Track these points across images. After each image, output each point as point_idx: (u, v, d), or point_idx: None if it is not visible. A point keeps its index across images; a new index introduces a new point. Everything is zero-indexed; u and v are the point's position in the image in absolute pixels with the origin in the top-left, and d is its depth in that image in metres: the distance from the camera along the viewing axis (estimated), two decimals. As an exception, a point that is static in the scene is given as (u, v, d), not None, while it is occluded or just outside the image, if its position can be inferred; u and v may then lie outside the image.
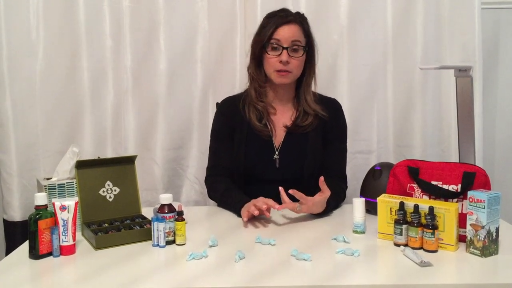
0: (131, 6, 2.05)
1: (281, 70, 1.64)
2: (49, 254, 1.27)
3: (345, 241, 1.34)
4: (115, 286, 1.10)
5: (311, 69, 1.73)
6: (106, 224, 1.42)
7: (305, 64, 1.70)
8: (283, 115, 1.75)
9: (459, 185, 1.34)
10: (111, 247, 1.32)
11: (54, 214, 1.28)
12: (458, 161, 1.59)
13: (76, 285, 1.14)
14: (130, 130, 2.11)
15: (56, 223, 1.28)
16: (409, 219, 1.30)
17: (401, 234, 1.30)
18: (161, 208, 1.36)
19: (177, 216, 1.34)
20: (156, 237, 1.33)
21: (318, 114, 1.72)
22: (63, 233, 1.27)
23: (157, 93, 2.10)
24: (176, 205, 1.36)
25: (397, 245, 1.30)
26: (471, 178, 1.33)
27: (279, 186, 1.50)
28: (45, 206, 1.28)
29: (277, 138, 1.74)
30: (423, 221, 1.28)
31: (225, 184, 1.71)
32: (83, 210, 1.41)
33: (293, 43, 1.64)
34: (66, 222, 1.28)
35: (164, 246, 1.32)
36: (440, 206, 1.27)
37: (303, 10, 2.08)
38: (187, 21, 2.09)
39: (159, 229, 1.32)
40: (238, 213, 1.57)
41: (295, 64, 1.65)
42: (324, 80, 2.11)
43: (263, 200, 1.48)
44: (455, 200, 1.33)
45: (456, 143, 1.64)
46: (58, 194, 1.50)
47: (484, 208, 1.20)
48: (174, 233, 1.34)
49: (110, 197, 1.46)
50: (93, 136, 2.11)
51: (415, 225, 1.27)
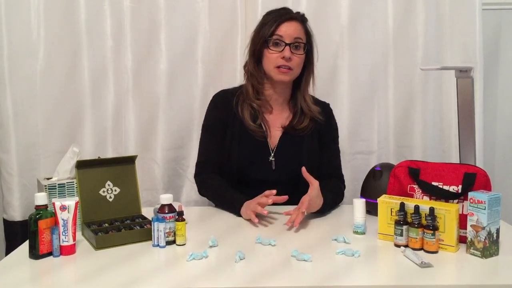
0: (132, 6, 2.05)
1: (282, 67, 1.63)
2: (49, 254, 1.27)
3: (345, 242, 1.34)
4: (115, 286, 1.10)
5: (310, 69, 1.73)
6: (106, 224, 1.42)
7: (304, 63, 1.70)
8: (279, 116, 1.75)
9: (460, 186, 1.34)
10: (111, 247, 1.32)
11: (54, 214, 1.28)
12: (458, 162, 1.59)
13: (76, 285, 1.14)
14: (130, 130, 2.11)
15: (56, 223, 1.28)
16: (409, 220, 1.30)
17: (401, 235, 1.29)
18: (162, 208, 1.36)
19: (177, 216, 1.34)
20: (156, 237, 1.33)
21: (315, 117, 1.72)
22: (63, 233, 1.27)
23: (158, 93, 2.10)
24: (176, 205, 1.36)
25: (398, 246, 1.30)
26: (472, 179, 1.33)
27: (274, 189, 1.51)
28: (45, 206, 1.28)
29: (272, 139, 1.73)
30: (424, 222, 1.28)
31: (218, 182, 1.70)
32: (83, 210, 1.41)
33: (295, 40, 1.64)
34: (66, 222, 1.28)
35: (164, 246, 1.32)
36: (441, 207, 1.27)
37: (303, 10, 2.08)
38: (188, 21, 2.09)
39: (159, 229, 1.32)
40: (237, 213, 1.57)
41: (296, 62, 1.65)
42: (324, 80, 2.11)
43: (265, 199, 1.49)
44: (456, 201, 1.33)
45: (456, 144, 1.64)
46: (59, 194, 1.50)
47: (484, 209, 1.20)
48: (175, 233, 1.34)
49: (110, 197, 1.46)
50: (94, 136, 2.11)
51: (416, 226, 1.27)
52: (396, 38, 2.13)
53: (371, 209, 1.50)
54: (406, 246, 1.29)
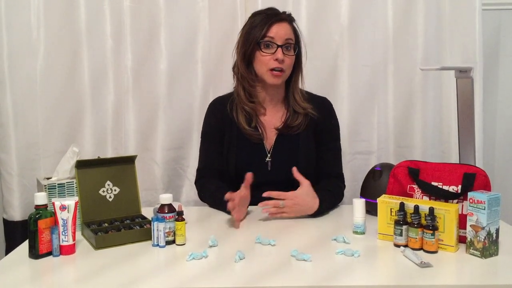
0: (132, 6, 2.05)
1: (275, 69, 1.63)
2: (49, 253, 1.27)
3: (345, 242, 1.34)
4: (115, 286, 1.10)
5: (299, 68, 1.72)
6: (106, 224, 1.42)
7: (294, 63, 1.70)
8: (274, 116, 1.74)
9: (459, 186, 1.34)
10: (111, 247, 1.32)
11: (54, 214, 1.28)
12: (458, 162, 1.59)
13: (76, 284, 1.14)
14: (130, 130, 2.11)
15: (56, 222, 1.28)
16: (409, 220, 1.30)
17: (401, 235, 1.29)
18: (161, 208, 1.36)
19: (177, 216, 1.34)
20: (156, 237, 1.33)
21: (308, 113, 1.71)
22: (63, 233, 1.27)
23: (158, 93, 2.10)
24: (176, 205, 1.36)
25: (397, 246, 1.30)
26: (471, 179, 1.33)
27: (270, 191, 1.52)
28: (45, 206, 1.28)
29: (268, 141, 1.73)
30: (423, 222, 1.28)
31: (215, 185, 1.70)
32: (83, 210, 1.41)
33: (286, 41, 1.64)
34: (66, 221, 1.28)
35: (164, 246, 1.32)
36: (440, 207, 1.27)
37: (303, 10, 2.10)
38: (188, 21, 2.09)
39: (159, 229, 1.32)
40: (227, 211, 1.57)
41: (288, 63, 1.65)
42: (324, 80, 2.12)
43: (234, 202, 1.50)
44: (455, 201, 1.33)
45: (456, 144, 1.64)
46: (58, 193, 1.50)
47: (484, 209, 1.20)
48: (174, 233, 1.34)
49: (110, 197, 1.46)
50: (93, 136, 2.11)
51: (415, 226, 1.27)
52: (396, 39, 2.13)
53: (371, 209, 1.49)
54: (405, 246, 1.29)
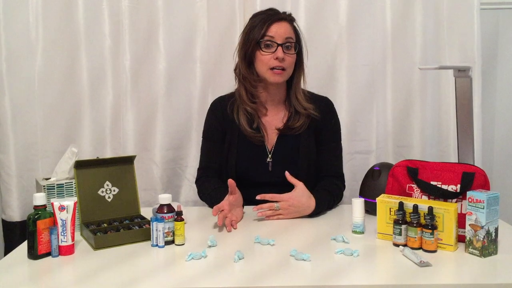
0: (130, 6, 2.05)
1: (276, 68, 1.62)
2: (48, 254, 1.27)
3: (344, 241, 1.34)
4: (114, 286, 1.10)
5: (300, 67, 1.72)
6: (105, 224, 1.42)
7: (295, 63, 1.70)
8: (275, 117, 1.74)
9: (458, 185, 1.34)
10: (110, 247, 1.32)
11: (53, 214, 1.28)
12: (457, 161, 1.60)
13: (75, 285, 1.13)
14: (129, 130, 2.10)
15: (55, 223, 1.28)
16: (408, 219, 1.30)
17: (400, 234, 1.30)
18: (160, 208, 1.36)
19: (176, 216, 1.34)
20: (155, 237, 1.33)
21: (310, 114, 1.71)
22: (62, 233, 1.27)
23: (156, 93, 2.10)
24: (175, 205, 1.36)
25: (396, 245, 1.30)
26: (470, 178, 1.33)
27: (264, 194, 1.52)
28: (44, 206, 1.28)
29: (269, 141, 1.73)
30: (422, 221, 1.28)
31: (214, 185, 1.70)
32: (82, 210, 1.41)
33: (287, 40, 1.63)
34: (65, 222, 1.28)
35: (163, 246, 1.32)
36: (439, 206, 1.27)
37: (302, 10, 2.10)
38: (187, 21, 2.09)
39: (158, 229, 1.32)
40: None
41: (289, 61, 1.65)
42: (323, 80, 2.12)
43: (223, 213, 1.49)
44: (454, 200, 1.33)
45: (455, 143, 1.65)
46: (57, 194, 1.50)
47: (483, 208, 1.20)
48: (173, 233, 1.34)
49: (109, 197, 1.46)
50: (92, 136, 2.11)
51: (414, 225, 1.27)
52: (395, 38, 2.13)
53: (370, 209, 1.50)
54: (405, 245, 1.29)
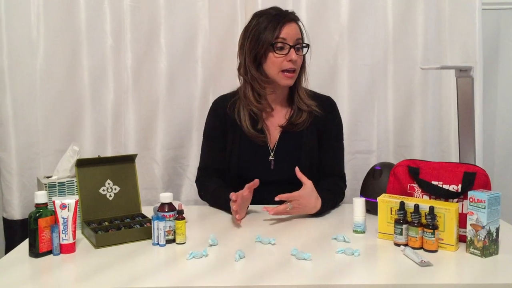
0: (132, 5, 2.05)
1: (288, 71, 1.62)
2: (49, 252, 1.27)
3: (345, 241, 1.34)
4: (115, 284, 1.10)
5: (303, 66, 1.72)
6: (106, 223, 1.42)
7: None
8: (278, 115, 1.74)
9: (460, 185, 1.34)
10: (111, 246, 1.32)
11: (54, 213, 1.28)
12: (458, 161, 1.59)
13: (76, 283, 1.14)
14: (130, 129, 2.11)
15: (56, 221, 1.28)
16: (409, 219, 1.30)
17: (401, 234, 1.30)
18: (161, 207, 1.36)
19: (177, 215, 1.34)
20: (156, 236, 1.33)
21: (312, 111, 1.71)
22: (63, 232, 1.27)
23: (157, 92, 2.10)
24: (176, 204, 1.36)
25: (397, 245, 1.30)
26: (472, 178, 1.33)
27: (281, 195, 1.50)
28: (45, 204, 1.28)
29: (272, 139, 1.73)
30: (423, 221, 1.28)
31: (215, 184, 1.70)
32: (83, 209, 1.41)
33: (297, 41, 1.63)
34: (66, 220, 1.28)
35: (164, 245, 1.32)
36: (441, 206, 1.27)
37: (304, 10, 2.10)
38: (188, 20, 2.09)
39: (159, 228, 1.32)
40: (230, 211, 1.57)
41: (299, 63, 1.65)
42: (324, 80, 2.12)
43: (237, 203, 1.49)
44: (456, 200, 1.33)
45: (456, 143, 1.64)
46: (59, 192, 1.50)
47: (484, 208, 1.20)
48: (174, 232, 1.34)
49: (110, 196, 1.46)
50: (93, 135, 2.11)
51: (415, 225, 1.27)
52: (396, 38, 2.13)
53: (371, 208, 1.50)
54: (405, 245, 1.29)
